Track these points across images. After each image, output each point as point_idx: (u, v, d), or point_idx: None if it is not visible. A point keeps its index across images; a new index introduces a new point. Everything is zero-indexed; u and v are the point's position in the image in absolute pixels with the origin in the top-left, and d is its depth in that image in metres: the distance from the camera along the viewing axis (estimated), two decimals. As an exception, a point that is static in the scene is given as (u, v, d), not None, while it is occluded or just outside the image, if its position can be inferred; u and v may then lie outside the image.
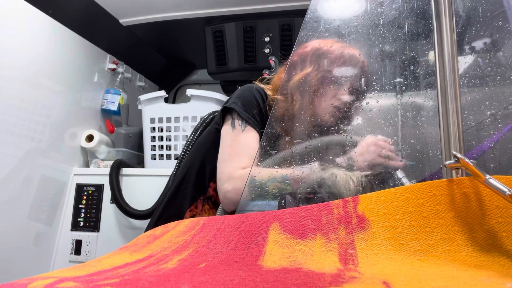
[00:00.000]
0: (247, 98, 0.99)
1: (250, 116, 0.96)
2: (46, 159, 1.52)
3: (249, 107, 0.97)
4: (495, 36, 0.65)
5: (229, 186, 0.88)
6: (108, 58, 1.88)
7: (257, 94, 0.99)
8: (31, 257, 1.45)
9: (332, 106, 0.94)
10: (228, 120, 0.99)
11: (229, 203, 0.89)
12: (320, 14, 0.78)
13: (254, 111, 0.96)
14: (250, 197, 0.73)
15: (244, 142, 0.94)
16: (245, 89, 1.03)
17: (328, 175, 0.69)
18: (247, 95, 0.99)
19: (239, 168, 0.89)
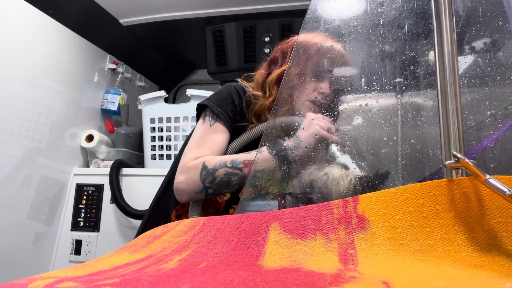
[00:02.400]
0: (222, 95, 0.99)
1: (222, 111, 0.95)
2: (46, 159, 1.52)
3: (223, 103, 0.97)
4: (495, 36, 0.65)
5: (182, 176, 0.87)
6: (108, 58, 1.88)
7: (233, 91, 0.99)
8: (31, 257, 1.45)
9: (309, 101, 0.94)
10: (201, 115, 0.99)
11: (181, 193, 0.88)
12: (320, 14, 0.78)
13: (228, 107, 0.96)
14: (249, 196, 0.73)
15: (209, 136, 0.94)
16: (223, 87, 1.04)
17: (321, 174, 0.69)
18: (223, 92, 1.00)
19: (194, 159, 0.89)
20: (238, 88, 1.00)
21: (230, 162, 0.85)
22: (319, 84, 0.94)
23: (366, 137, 0.70)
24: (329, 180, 0.67)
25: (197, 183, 0.85)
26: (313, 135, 0.76)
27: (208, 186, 0.84)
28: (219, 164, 0.85)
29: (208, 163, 0.86)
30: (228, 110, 0.96)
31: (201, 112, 1.00)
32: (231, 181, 0.84)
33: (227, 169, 0.84)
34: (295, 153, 0.76)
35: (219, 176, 0.84)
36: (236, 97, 0.98)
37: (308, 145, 0.76)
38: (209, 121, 0.96)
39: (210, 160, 0.86)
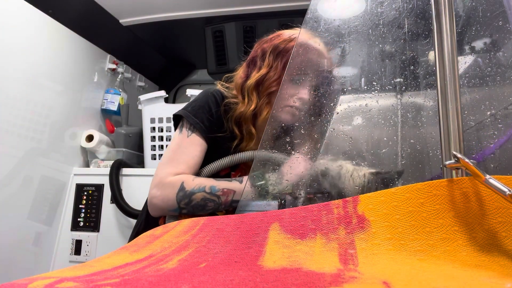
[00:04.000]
0: (198, 103, 0.96)
1: (198, 121, 0.92)
2: (46, 159, 1.53)
3: (199, 112, 0.94)
4: (495, 36, 0.65)
5: (157, 191, 0.85)
6: (108, 58, 1.88)
7: (211, 99, 0.96)
8: (31, 257, 1.46)
9: (289, 107, 0.92)
10: (179, 125, 0.96)
11: (155, 209, 0.87)
12: (320, 14, 0.78)
13: (204, 116, 0.93)
14: (250, 198, 0.73)
15: (186, 148, 0.91)
16: (200, 94, 1.00)
17: (335, 166, 0.69)
18: (200, 100, 0.96)
19: (171, 174, 0.86)
20: (216, 95, 0.97)
21: (209, 187, 0.83)
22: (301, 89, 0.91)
23: (366, 137, 0.70)
24: (343, 171, 0.67)
25: (172, 202, 0.83)
26: (298, 177, 0.74)
27: (183, 207, 0.83)
28: (197, 188, 0.83)
29: (186, 184, 0.83)
30: (204, 120, 0.93)
31: (178, 122, 0.97)
32: (207, 206, 0.83)
33: (205, 194, 0.82)
34: (276, 190, 0.74)
35: (195, 199, 0.82)
36: (213, 105, 0.95)
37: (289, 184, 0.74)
38: (186, 131, 0.93)
39: (189, 181, 0.84)
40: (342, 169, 0.68)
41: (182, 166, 0.88)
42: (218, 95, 0.97)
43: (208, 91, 0.99)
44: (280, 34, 0.99)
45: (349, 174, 0.66)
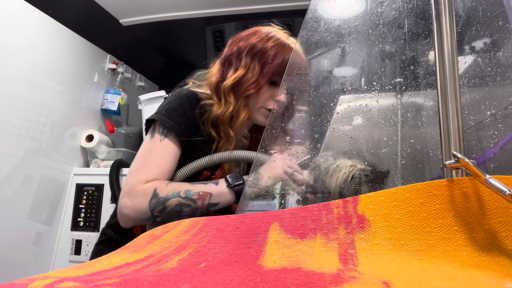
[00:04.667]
0: (172, 105, 0.90)
1: (174, 124, 0.86)
2: (46, 159, 1.53)
3: (173, 115, 0.88)
4: (495, 36, 0.65)
5: (128, 200, 0.79)
6: (108, 58, 1.88)
7: (184, 101, 0.91)
8: (31, 257, 1.46)
9: (266, 109, 0.91)
10: (150, 130, 0.90)
11: (125, 219, 0.80)
12: (320, 14, 0.78)
13: (179, 120, 0.87)
14: (249, 198, 0.73)
15: (159, 153, 0.85)
16: (172, 96, 0.95)
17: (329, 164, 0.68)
18: (173, 102, 0.91)
19: (143, 182, 0.80)
20: (189, 97, 0.91)
21: (184, 192, 0.79)
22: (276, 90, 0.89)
23: (366, 137, 0.70)
24: (338, 170, 0.67)
25: (144, 211, 0.78)
26: (275, 178, 0.73)
27: (156, 215, 0.78)
28: (171, 194, 0.78)
29: (159, 190, 0.78)
30: (180, 123, 0.87)
31: (150, 127, 0.91)
32: (183, 211, 0.79)
33: (180, 200, 0.78)
34: (253, 190, 0.72)
35: (170, 206, 0.78)
36: (187, 107, 0.89)
37: (267, 185, 0.72)
38: (159, 136, 0.86)
39: (162, 187, 0.79)
40: (333, 165, 0.67)
41: (155, 172, 0.82)
42: (192, 97, 0.92)
43: (181, 93, 0.93)
44: (256, 32, 0.96)
45: (342, 173, 0.66)
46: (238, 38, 0.97)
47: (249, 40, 0.94)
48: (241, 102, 0.91)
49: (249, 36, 0.95)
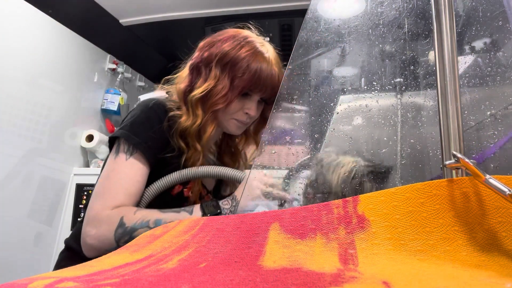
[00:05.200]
0: (138, 120, 0.83)
1: (140, 141, 0.79)
2: (46, 159, 1.53)
3: (139, 130, 0.81)
4: (495, 36, 0.65)
5: (92, 229, 0.73)
6: (108, 58, 1.88)
7: (151, 113, 0.84)
8: (31, 257, 1.45)
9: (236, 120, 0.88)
10: (114, 148, 0.82)
11: (89, 249, 0.73)
12: (320, 14, 0.78)
13: (146, 135, 0.81)
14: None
15: (125, 174, 0.77)
16: (138, 108, 0.87)
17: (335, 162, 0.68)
18: (139, 116, 0.83)
19: (109, 207, 0.74)
20: (156, 108, 0.85)
21: (153, 222, 0.72)
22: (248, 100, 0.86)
23: (366, 137, 0.70)
24: (340, 166, 0.67)
25: (109, 241, 0.71)
26: (253, 200, 0.70)
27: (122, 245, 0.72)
28: (140, 223, 0.72)
29: (126, 219, 0.72)
30: (146, 139, 0.80)
31: (113, 144, 0.83)
32: None
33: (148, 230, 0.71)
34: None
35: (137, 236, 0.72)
36: (155, 120, 0.83)
37: (246, 209, 0.70)
38: (124, 154, 0.79)
39: (130, 215, 0.72)
40: (335, 161, 0.67)
41: (121, 196, 0.75)
42: (159, 108, 0.85)
43: (147, 104, 0.86)
44: (228, 38, 0.88)
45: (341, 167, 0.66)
46: (210, 42, 0.90)
47: (221, 47, 0.87)
48: (208, 116, 0.85)
49: (222, 41, 0.88)
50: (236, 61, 0.85)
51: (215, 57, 0.86)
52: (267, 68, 0.87)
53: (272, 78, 0.88)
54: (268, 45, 0.92)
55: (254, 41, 0.89)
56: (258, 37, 0.93)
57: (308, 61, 0.82)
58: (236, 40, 0.88)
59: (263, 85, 0.87)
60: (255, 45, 0.88)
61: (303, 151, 0.75)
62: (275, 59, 0.91)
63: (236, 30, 0.92)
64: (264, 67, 0.86)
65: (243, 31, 0.93)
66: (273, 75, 0.88)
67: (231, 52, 0.85)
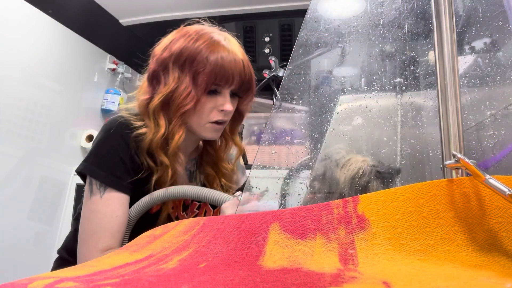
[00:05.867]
0: (101, 151, 0.79)
1: (108, 174, 0.76)
2: (46, 159, 1.53)
3: (106, 160, 0.77)
4: (495, 36, 0.65)
5: None
6: (108, 58, 1.88)
7: (114, 139, 0.78)
8: (31, 257, 1.45)
9: (212, 123, 0.81)
10: (87, 183, 0.79)
11: None
12: (320, 14, 0.78)
13: (114, 165, 0.77)
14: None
15: (104, 213, 0.75)
16: (100, 135, 0.82)
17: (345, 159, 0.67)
18: (103, 144, 0.80)
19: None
20: (119, 131, 0.79)
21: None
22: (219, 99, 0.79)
23: (366, 138, 0.70)
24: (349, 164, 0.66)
25: None
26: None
27: None
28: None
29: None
30: (115, 169, 0.76)
31: (85, 178, 0.80)
32: None
33: None
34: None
35: None
36: (119, 145, 0.78)
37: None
38: (97, 191, 0.76)
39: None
40: (344, 159, 0.67)
41: (104, 238, 0.73)
42: (122, 130, 0.79)
43: (110, 128, 0.80)
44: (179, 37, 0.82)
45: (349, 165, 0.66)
46: (163, 46, 0.84)
47: (174, 47, 0.81)
48: (176, 122, 0.79)
49: (174, 41, 0.82)
50: (194, 56, 0.78)
51: (171, 57, 0.80)
52: (228, 56, 0.79)
53: (237, 65, 0.80)
54: (225, 33, 0.86)
55: (207, 32, 0.82)
56: (211, 27, 0.86)
57: (308, 61, 0.82)
58: (188, 36, 0.81)
59: (229, 75, 0.79)
60: (210, 36, 0.81)
61: (303, 151, 0.75)
62: (235, 45, 0.83)
63: (184, 28, 0.86)
64: (225, 56, 0.79)
65: (192, 26, 0.86)
66: (237, 62, 0.80)
67: (186, 48, 0.79)
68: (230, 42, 0.83)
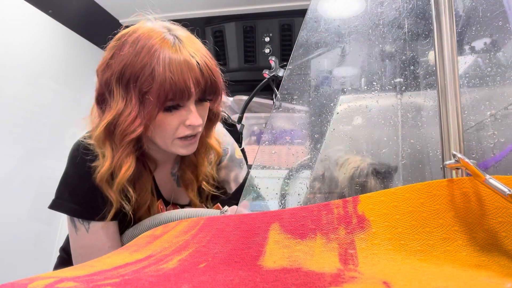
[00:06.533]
0: (72, 180, 0.74)
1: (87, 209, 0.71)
2: (46, 159, 1.52)
3: (78, 194, 0.72)
4: (495, 36, 0.65)
5: None
6: (108, 58, 1.88)
7: (82, 170, 0.72)
8: (31, 257, 1.45)
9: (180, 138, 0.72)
10: (69, 219, 0.74)
11: None
12: (320, 14, 0.78)
13: (88, 197, 0.71)
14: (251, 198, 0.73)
15: (95, 246, 0.71)
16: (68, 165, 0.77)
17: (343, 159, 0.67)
18: (72, 177, 0.75)
19: None
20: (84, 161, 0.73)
21: None
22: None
23: (366, 138, 0.70)
24: (347, 163, 0.66)
25: None
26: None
27: None
28: None
29: None
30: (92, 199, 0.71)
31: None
32: None
33: None
34: None
35: None
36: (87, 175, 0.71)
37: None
38: (81, 225, 0.72)
39: None
40: (343, 159, 0.67)
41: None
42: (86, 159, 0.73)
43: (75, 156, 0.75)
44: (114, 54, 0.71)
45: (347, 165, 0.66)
46: (103, 64, 0.73)
47: (114, 64, 0.69)
48: (122, 152, 0.69)
49: (114, 57, 0.70)
50: (137, 72, 0.65)
51: (112, 77, 0.68)
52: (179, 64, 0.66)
53: (191, 72, 0.67)
54: (176, 29, 0.73)
55: (151, 37, 0.68)
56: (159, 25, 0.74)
57: (308, 61, 0.82)
58: (129, 46, 0.68)
59: (183, 89, 0.66)
60: (153, 42, 0.67)
61: (303, 151, 0.75)
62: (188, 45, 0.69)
63: (124, 34, 0.74)
64: (174, 65, 0.65)
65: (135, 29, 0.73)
66: (191, 67, 0.67)
67: (127, 64, 0.66)
68: (182, 42, 0.69)
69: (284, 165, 0.74)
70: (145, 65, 0.65)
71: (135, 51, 0.67)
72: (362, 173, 0.64)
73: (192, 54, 0.69)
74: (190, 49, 0.69)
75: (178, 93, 0.66)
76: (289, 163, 0.74)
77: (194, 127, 0.72)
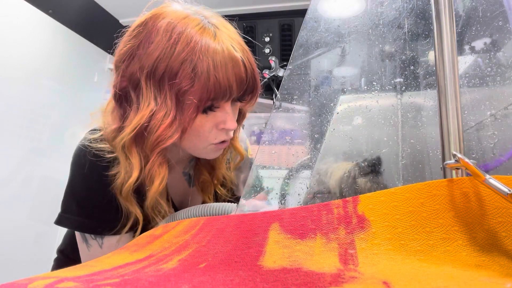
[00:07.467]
0: (81, 192, 0.66)
1: (99, 222, 0.63)
2: (46, 159, 1.52)
3: (90, 205, 0.64)
4: (495, 36, 0.65)
5: None
6: (108, 58, 1.88)
7: (90, 182, 0.64)
8: (31, 257, 1.45)
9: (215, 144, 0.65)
10: (79, 235, 0.68)
11: None
12: (320, 14, 0.78)
13: (98, 211, 0.64)
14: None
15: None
16: (74, 173, 0.68)
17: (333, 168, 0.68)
18: (80, 184, 0.66)
19: None
20: (93, 171, 0.64)
21: None
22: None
23: (366, 138, 0.70)
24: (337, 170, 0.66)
25: None
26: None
27: None
28: None
29: None
30: (105, 213, 0.63)
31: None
32: None
33: None
34: None
35: None
36: (98, 187, 0.62)
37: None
38: (94, 241, 0.65)
39: None
40: (332, 167, 0.67)
41: None
42: (96, 169, 0.63)
43: (81, 169, 0.64)
44: (141, 42, 0.59)
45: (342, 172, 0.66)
46: (125, 52, 0.62)
47: (144, 54, 0.58)
48: (154, 160, 0.59)
49: (142, 44, 0.59)
50: (175, 68, 0.55)
51: (141, 71, 0.58)
52: (223, 58, 0.57)
53: (235, 68, 0.58)
54: (215, 17, 0.64)
55: (187, 24, 0.57)
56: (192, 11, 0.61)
57: (308, 61, 0.82)
58: (163, 35, 0.57)
59: (225, 87, 0.58)
60: (192, 32, 0.56)
61: (303, 151, 0.75)
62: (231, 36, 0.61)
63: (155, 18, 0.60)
64: (218, 59, 0.56)
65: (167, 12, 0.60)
66: (235, 63, 0.58)
67: (162, 57, 0.56)
68: (223, 33, 0.60)
69: (284, 165, 0.74)
70: (185, 60, 0.55)
71: (170, 42, 0.56)
72: (349, 174, 0.65)
73: (235, 47, 0.60)
74: (231, 41, 0.60)
75: (221, 93, 0.58)
76: (289, 163, 0.74)
77: (228, 131, 0.64)
